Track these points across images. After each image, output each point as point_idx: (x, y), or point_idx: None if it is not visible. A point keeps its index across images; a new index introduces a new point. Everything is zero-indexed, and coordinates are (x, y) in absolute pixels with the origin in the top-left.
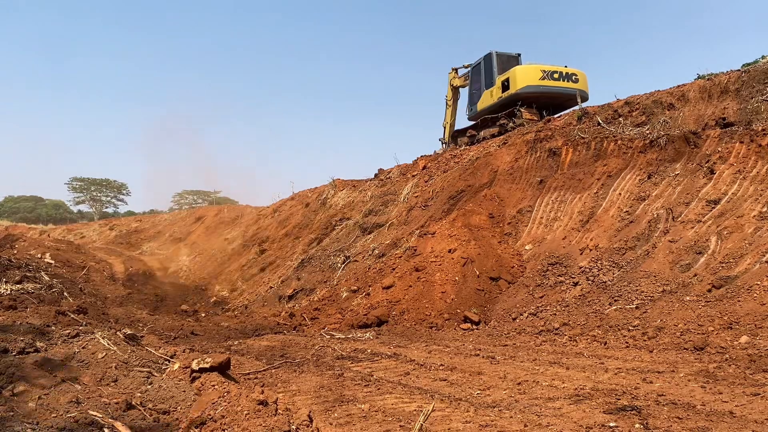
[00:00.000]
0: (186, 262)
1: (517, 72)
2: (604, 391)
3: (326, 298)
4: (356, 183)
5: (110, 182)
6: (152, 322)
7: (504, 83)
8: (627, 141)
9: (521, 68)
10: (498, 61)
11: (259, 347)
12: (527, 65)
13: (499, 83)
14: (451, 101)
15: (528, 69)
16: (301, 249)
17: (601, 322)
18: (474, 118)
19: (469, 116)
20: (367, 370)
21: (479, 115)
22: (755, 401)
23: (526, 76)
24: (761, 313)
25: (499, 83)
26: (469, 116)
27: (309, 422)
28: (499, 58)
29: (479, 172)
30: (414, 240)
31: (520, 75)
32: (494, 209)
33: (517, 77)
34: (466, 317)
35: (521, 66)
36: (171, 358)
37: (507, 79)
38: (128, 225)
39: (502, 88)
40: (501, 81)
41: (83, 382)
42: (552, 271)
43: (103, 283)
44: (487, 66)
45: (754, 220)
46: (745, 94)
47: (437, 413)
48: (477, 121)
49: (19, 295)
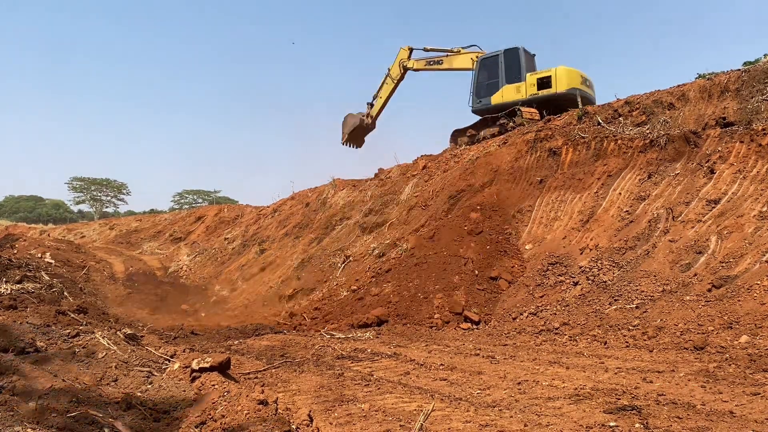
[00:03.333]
0: (186, 262)
1: (562, 72)
2: (604, 391)
3: (326, 298)
4: (356, 183)
5: (110, 182)
6: (152, 321)
7: (541, 81)
8: (627, 141)
9: (566, 69)
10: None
11: (259, 347)
12: (569, 68)
13: (532, 80)
14: (396, 81)
15: (572, 71)
16: (301, 249)
17: (601, 321)
18: (484, 111)
19: (475, 109)
20: (367, 369)
21: (493, 110)
22: (755, 401)
23: (572, 78)
24: (761, 313)
25: (533, 80)
26: (474, 109)
27: (309, 422)
28: (526, 55)
29: (479, 172)
30: (414, 240)
31: (567, 76)
32: (494, 209)
33: (564, 78)
34: (466, 317)
35: (564, 67)
36: (171, 357)
37: (546, 77)
38: (128, 225)
39: (537, 86)
40: (536, 78)
41: (83, 382)
42: (552, 271)
43: (103, 283)
44: (511, 60)
45: (754, 219)
46: (746, 93)
47: (437, 413)
48: (483, 115)
49: (20, 294)
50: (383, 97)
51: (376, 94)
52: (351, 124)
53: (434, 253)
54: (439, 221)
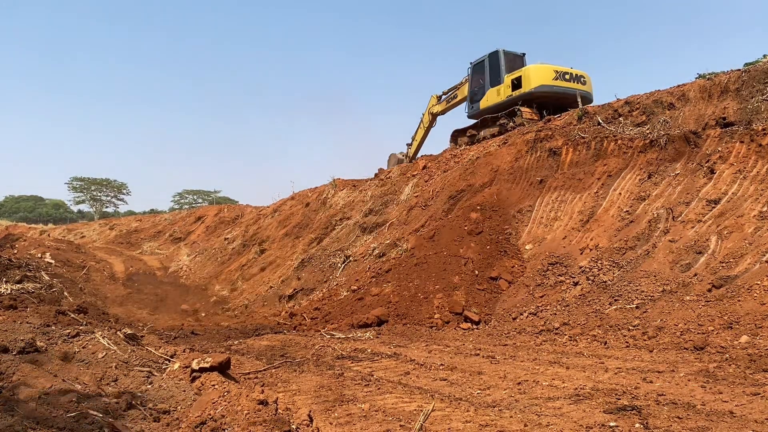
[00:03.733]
0: (186, 262)
1: (531, 71)
2: (604, 391)
3: (326, 298)
4: (356, 183)
5: (110, 182)
6: (152, 321)
7: (514, 82)
8: (627, 141)
9: (535, 67)
10: (505, 59)
11: (259, 347)
12: (540, 65)
13: (508, 82)
14: (427, 125)
15: (541, 68)
16: (301, 249)
17: (601, 321)
18: (475, 116)
19: (470, 114)
20: (367, 369)
21: (482, 113)
22: (755, 401)
23: (540, 75)
24: (761, 313)
25: (509, 82)
26: (469, 114)
27: (309, 422)
28: (506, 57)
29: (479, 172)
30: (414, 240)
31: (534, 74)
32: (494, 209)
33: (531, 76)
34: (466, 317)
35: (534, 65)
36: (171, 357)
37: (518, 77)
38: (128, 225)
39: (512, 87)
40: (510, 79)
41: (83, 382)
42: (552, 271)
43: (103, 283)
44: (493, 64)
45: (754, 219)
46: (746, 93)
47: (437, 413)
48: (478, 119)
49: (19, 294)
50: (418, 140)
51: (413, 137)
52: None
53: (434, 253)
54: (439, 221)
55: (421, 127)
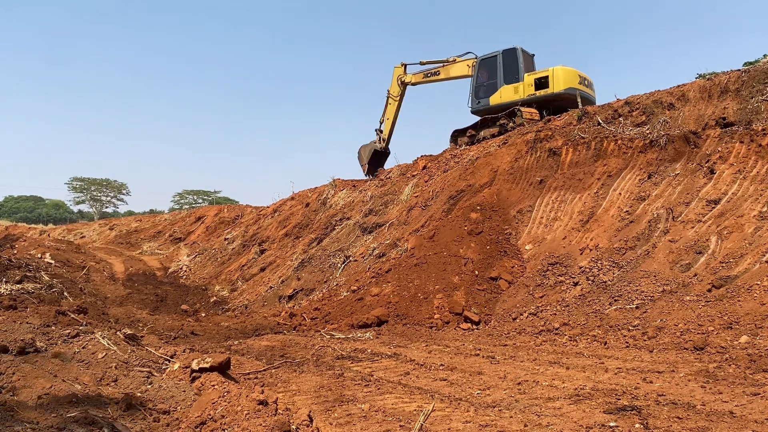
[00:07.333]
0: (186, 262)
1: (560, 72)
2: (604, 391)
3: (326, 298)
4: (356, 183)
5: (110, 182)
6: (152, 322)
7: (538, 81)
8: (627, 141)
9: (563, 69)
10: (523, 58)
11: (259, 347)
12: (566, 67)
13: (530, 80)
14: (398, 97)
15: (569, 71)
16: (301, 249)
17: (601, 322)
18: (483, 112)
19: (474, 109)
20: (367, 370)
21: (493, 110)
22: (755, 401)
23: (569, 77)
24: (761, 313)
25: (531, 80)
26: (473, 109)
27: (309, 422)
28: (524, 55)
29: (479, 172)
30: (414, 240)
31: (564, 76)
32: (494, 209)
33: (561, 77)
34: (466, 317)
35: (561, 67)
36: (171, 358)
37: (544, 77)
38: (128, 225)
39: (535, 86)
40: (534, 78)
41: (83, 382)
42: (552, 271)
43: (103, 283)
44: (509, 61)
45: (754, 219)
46: (746, 93)
47: (437, 413)
48: (483, 116)
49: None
50: (390, 118)
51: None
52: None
53: (434, 253)
54: (439, 221)
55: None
